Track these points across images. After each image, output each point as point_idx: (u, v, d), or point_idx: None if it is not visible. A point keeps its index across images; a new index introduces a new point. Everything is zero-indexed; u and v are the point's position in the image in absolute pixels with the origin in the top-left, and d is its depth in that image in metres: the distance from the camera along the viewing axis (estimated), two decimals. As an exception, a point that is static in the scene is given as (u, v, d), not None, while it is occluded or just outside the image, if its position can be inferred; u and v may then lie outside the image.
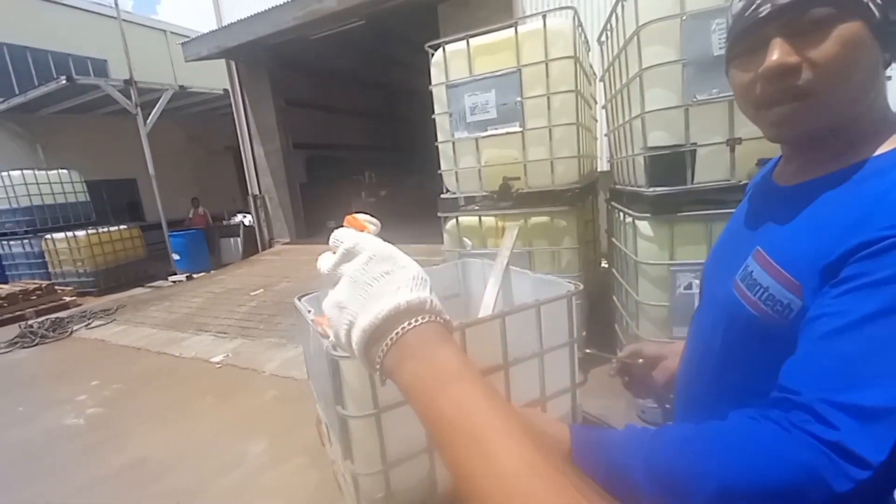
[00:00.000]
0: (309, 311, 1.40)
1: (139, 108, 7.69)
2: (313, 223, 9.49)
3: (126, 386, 3.43)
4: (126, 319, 5.21)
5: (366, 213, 0.49)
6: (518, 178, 2.64)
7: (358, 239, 0.40)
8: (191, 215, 8.92)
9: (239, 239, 8.67)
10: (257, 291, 5.46)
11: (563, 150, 2.51)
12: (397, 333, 0.34)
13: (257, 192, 8.71)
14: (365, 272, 0.37)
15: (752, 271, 0.53)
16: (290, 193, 8.83)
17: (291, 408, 2.74)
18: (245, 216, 8.98)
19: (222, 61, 8.28)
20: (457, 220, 2.88)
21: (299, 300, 1.58)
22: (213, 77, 8.94)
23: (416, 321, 0.35)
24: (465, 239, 2.88)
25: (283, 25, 6.67)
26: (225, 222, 9.29)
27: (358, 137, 12.59)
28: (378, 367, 0.35)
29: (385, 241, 0.42)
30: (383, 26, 6.83)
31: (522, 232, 2.61)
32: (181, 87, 8.51)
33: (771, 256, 0.51)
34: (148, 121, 7.80)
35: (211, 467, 2.28)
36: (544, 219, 2.61)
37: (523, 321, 0.96)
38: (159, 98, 8.00)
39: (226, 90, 8.78)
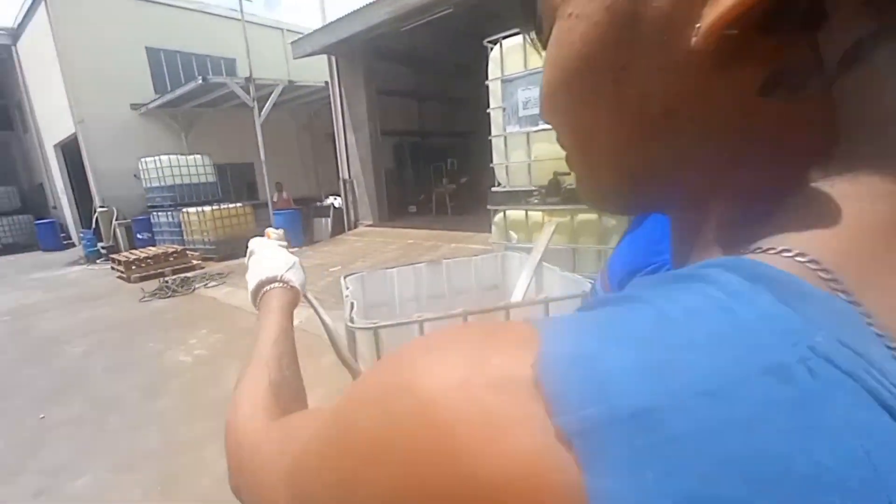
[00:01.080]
0: (347, 289, 1.79)
1: (255, 102, 8.92)
2: (395, 207, 10.23)
3: (225, 336, 4.27)
4: (234, 283, 6.28)
5: (276, 230, 0.80)
6: (568, 174, 2.73)
7: (255, 244, 0.72)
8: (275, 199, 10.07)
9: (329, 219, 9.68)
10: (335, 268, 6.21)
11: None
12: (264, 291, 0.63)
13: (347, 177, 9.61)
14: (253, 261, 0.69)
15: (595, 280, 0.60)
16: (376, 179, 9.60)
17: (346, 374, 3.25)
18: (336, 199, 9.96)
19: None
20: (504, 214, 2.94)
21: (344, 278, 1.97)
22: (322, 71, 9.90)
23: (272, 286, 0.64)
24: (510, 232, 3.05)
25: (376, 20, 7.24)
26: (318, 204, 10.39)
27: (444, 124, 13.06)
28: (257, 309, 0.65)
29: (287, 247, 0.75)
30: (473, 12, 7.05)
31: (569, 229, 2.67)
32: (290, 81, 9.63)
33: (607, 266, 0.54)
34: (261, 113, 9.01)
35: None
36: (592, 216, 2.59)
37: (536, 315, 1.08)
38: (272, 92, 9.19)
39: (326, 83, 9.73)
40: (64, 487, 2.30)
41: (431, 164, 12.03)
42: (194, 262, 7.84)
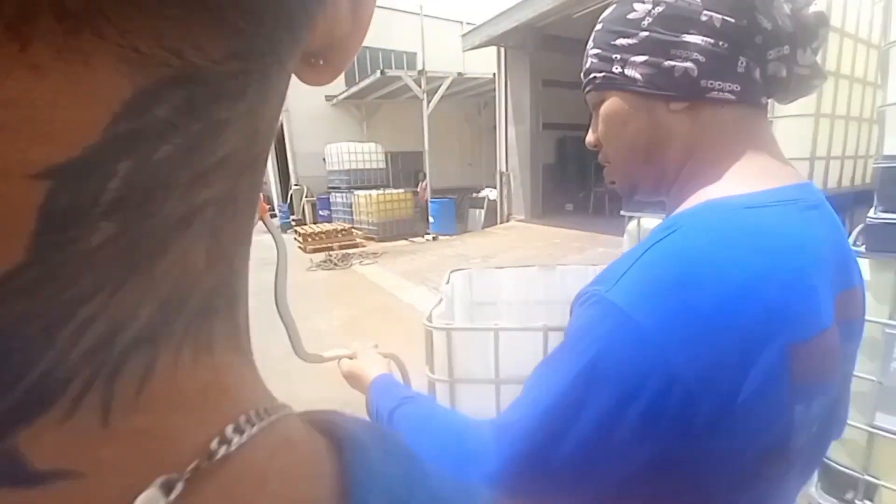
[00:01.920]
0: (446, 283, 1.64)
1: (425, 94, 9.39)
2: (551, 204, 9.70)
3: (362, 311, 4.53)
4: (383, 263, 6.72)
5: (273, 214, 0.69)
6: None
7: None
8: (418, 189, 10.33)
9: (482, 211, 9.69)
10: (475, 259, 6.12)
11: (791, 147, 1.87)
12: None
13: (504, 170, 9.46)
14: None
15: None
16: (532, 173, 9.23)
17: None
18: (491, 191, 9.92)
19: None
20: (638, 222, 2.61)
21: (449, 273, 1.82)
22: (493, 63, 9.92)
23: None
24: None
25: (547, 6, 6.85)
26: (474, 194, 10.49)
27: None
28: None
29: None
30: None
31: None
32: (459, 74, 9.87)
33: None
34: (430, 105, 9.44)
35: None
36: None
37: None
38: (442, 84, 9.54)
39: (495, 75, 9.68)
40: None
41: (595, 161, 11.07)
42: (358, 240, 8.70)
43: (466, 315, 2.18)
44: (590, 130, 0.56)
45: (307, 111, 12.38)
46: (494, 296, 2.14)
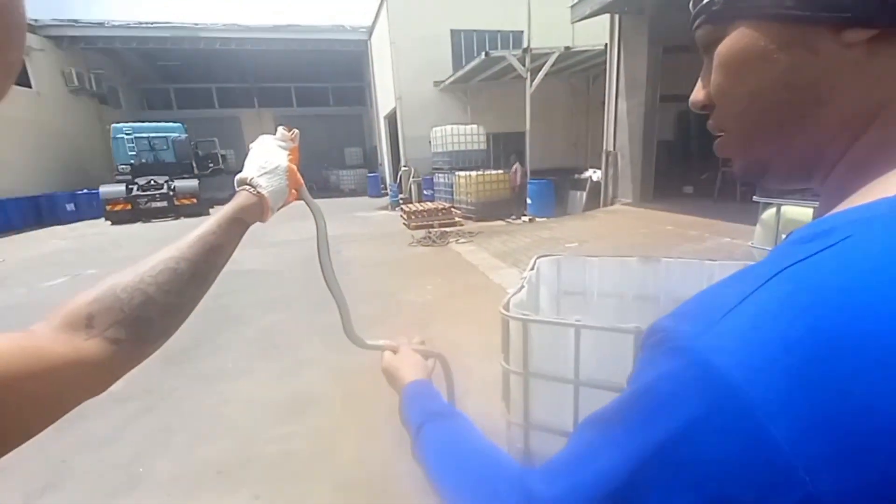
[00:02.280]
0: (531, 269, 1.63)
1: (529, 72, 9.10)
2: (665, 187, 8.86)
3: (452, 289, 4.65)
4: (478, 243, 6.78)
5: (286, 128, 0.66)
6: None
7: (258, 140, 0.64)
8: (511, 171, 9.93)
9: (584, 193, 9.21)
10: (572, 244, 5.87)
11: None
12: (236, 192, 0.58)
13: (611, 149, 8.84)
14: (247, 159, 0.62)
15: None
16: (644, 152, 8.49)
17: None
18: (595, 171, 9.36)
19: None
20: (777, 210, 2.33)
21: (536, 258, 1.79)
22: (604, 34, 9.23)
23: (240, 188, 0.58)
24: (783, 236, 2.23)
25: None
26: (577, 175, 9.99)
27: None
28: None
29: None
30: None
31: None
32: (566, 48, 9.37)
33: None
34: (533, 83, 9.13)
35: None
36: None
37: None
38: (546, 62, 9.15)
39: (606, 45, 9.01)
40: (301, 371, 2.98)
41: (724, 136, 9.79)
42: (457, 219, 8.87)
43: (552, 304, 2.13)
44: (697, 85, 0.39)
45: (418, 97, 12.82)
46: (585, 286, 2.02)
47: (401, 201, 11.67)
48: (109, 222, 12.16)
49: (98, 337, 0.40)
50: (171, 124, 14.36)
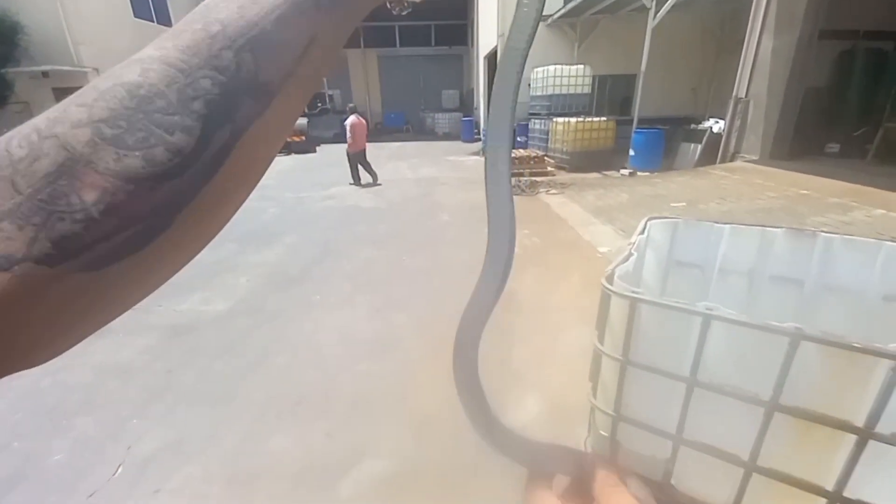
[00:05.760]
0: (641, 234, 1.48)
1: (654, 3, 7.94)
2: (802, 143, 7.51)
3: (541, 242, 4.47)
4: (570, 195, 6.40)
5: None
6: None
7: None
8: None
9: (700, 146, 8.14)
10: (679, 204, 5.28)
11: None
12: None
13: (742, 96, 7.60)
14: None
15: None
16: (785, 100, 7.18)
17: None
18: (716, 122, 8.18)
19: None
20: None
21: (647, 220, 1.61)
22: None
23: None
24: None
25: None
26: (693, 126, 8.81)
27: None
28: None
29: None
30: None
31: None
32: (702, -28, 7.96)
33: None
34: (657, 15, 7.98)
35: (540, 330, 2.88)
36: None
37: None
38: (676, -12, 7.89)
39: (754, -31, 7.50)
40: (389, 311, 3.11)
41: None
42: (549, 168, 8.42)
43: (659, 276, 1.90)
44: None
45: (518, 34, 11.97)
46: (706, 258, 1.74)
47: (492, 147, 11.31)
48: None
49: None
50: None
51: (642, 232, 1.40)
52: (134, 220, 0.19)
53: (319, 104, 15.94)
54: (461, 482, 1.73)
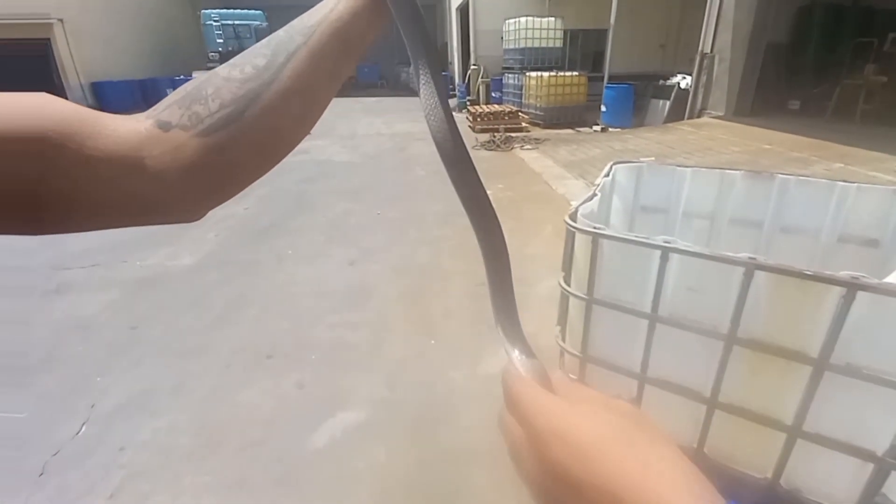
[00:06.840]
0: (606, 176, 1.43)
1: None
2: (767, 99, 7.67)
3: (515, 195, 4.48)
4: (544, 150, 6.39)
5: None
6: None
7: None
8: None
9: (668, 102, 8.20)
10: (648, 159, 5.34)
11: None
12: None
13: (708, 51, 7.62)
14: None
15: None
16: (748, 56, 7.27)
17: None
18: (684, 78, 8.21)
19: None
20: None
21: (612, 165, 1.56)
22: None
23: None
24: None
25: None
26: (661, 82, 8.82)
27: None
28: None
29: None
30: None
31: None
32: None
33: None
34: (629, -37, 7.78)
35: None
36: None
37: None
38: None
39: (726, -84, 7.33)
40: (364, 262, 3.08)
41: (855, 40, 8.11)
42: (523, 124, 8.33)
43: (626, 219, 1.94)
44: None
45: (493, -18, 11.44)
46: (670, 202, 1.74)
47: (468, 103, 11.05)
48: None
49: (152, 119, 0.31)
50: (253, 12, 14.23)
51: (607, 175, 1.41)
52: (228, 105, 0.32)
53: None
54: (432, 429, 1.78)
